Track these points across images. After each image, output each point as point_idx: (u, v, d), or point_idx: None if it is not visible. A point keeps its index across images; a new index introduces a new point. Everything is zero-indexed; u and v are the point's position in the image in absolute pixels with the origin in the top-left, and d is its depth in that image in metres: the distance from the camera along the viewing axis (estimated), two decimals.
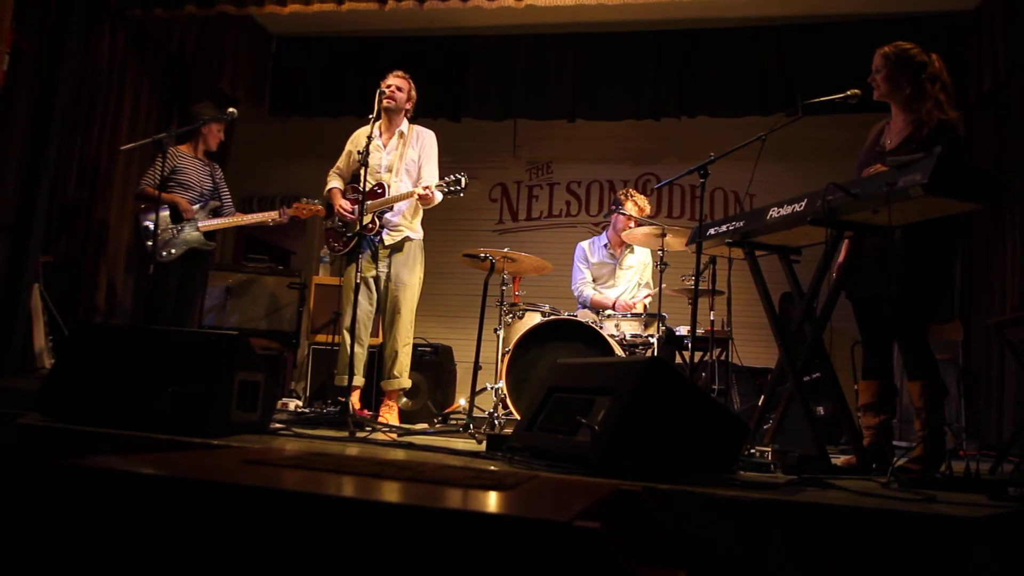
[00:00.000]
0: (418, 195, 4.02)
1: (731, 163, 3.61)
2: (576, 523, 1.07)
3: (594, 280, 5.03)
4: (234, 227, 5.11)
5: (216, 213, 4.81)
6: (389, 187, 4.10)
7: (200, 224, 4.66)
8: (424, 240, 4.28)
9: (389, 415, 4.12)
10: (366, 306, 4.11)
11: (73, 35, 4.51)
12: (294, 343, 5.56)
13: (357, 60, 6.56)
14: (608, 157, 6.84)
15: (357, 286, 3.69)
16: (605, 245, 5.06)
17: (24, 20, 4.48)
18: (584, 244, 5.15)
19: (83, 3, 4.62)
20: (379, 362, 4.25)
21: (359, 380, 4.13)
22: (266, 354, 5.25)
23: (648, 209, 4.93)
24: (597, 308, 4.84)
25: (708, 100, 6.03)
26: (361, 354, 4.11)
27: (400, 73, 4.24)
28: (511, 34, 6.35)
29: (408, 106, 4.25)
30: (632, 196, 4.89)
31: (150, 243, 4.47)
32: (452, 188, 4.04)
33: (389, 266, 4.14)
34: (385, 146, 4.20)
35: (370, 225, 4.01)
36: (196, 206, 4.69)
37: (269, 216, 4.77)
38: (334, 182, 4.30)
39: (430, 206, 4.16)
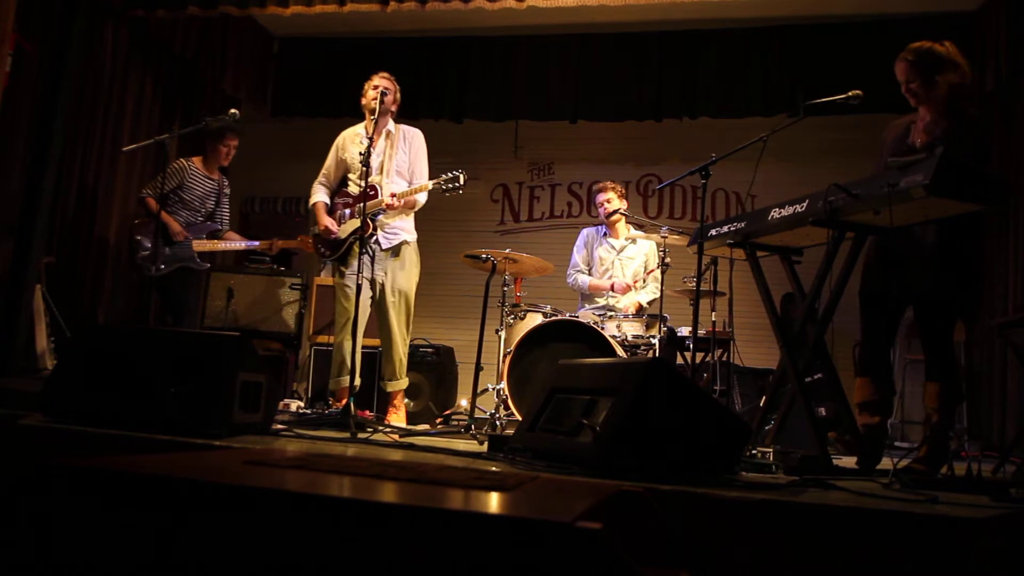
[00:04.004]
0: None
1: (733, 164, 3.61)
2: (578, 524, 1.07)
3: (593, 270, 5.03)
4: (236, 224, 5.16)
5: (213, 235, 4.84)
6: (381, 188, 4.07)
7: (194, 243, 4.68)
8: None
9: (396, 416, 4.12)
10: (363, 310, 4.08)
11: (76, 36, 4.51)
12: (296, 344, 5.56)
13: (359, 61, 6.54)
14: (610, 158, 6.84)
15: (359, 288, 3.67)
16: (605, 235, 5.07)
17: (27, 21, 4.49)
18: (588, 230, 5.17)
19: (86, 4, 4.62)
20: (379, 364, 4.24)
21: (356, 381, 4.07)
22: (268, 355, 5.25)
23: (621, 188, 5.00)
24: (595, 293, 4.88)
25: (710, 101, 6.03)
26: (358, 357, 4.07)
27: (385, 74, 4.20)
28: (513, 35, 6.35)
29: (394, 108, 4.20)
30: (606, 188, 4.95)
31: (142, 254, 4.55)
32: (449, 186, 4.01)
33: (385, 268, 4.11)
34: (374, 148, 4.17)
35: (365, 227, 3.96)
36: (184, 222, 4.70)
37: (260, 246, 4.87)
38: (319, 195, 4.24)
39: (415, 208, 4.16)
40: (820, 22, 5.85)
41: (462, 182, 4.01)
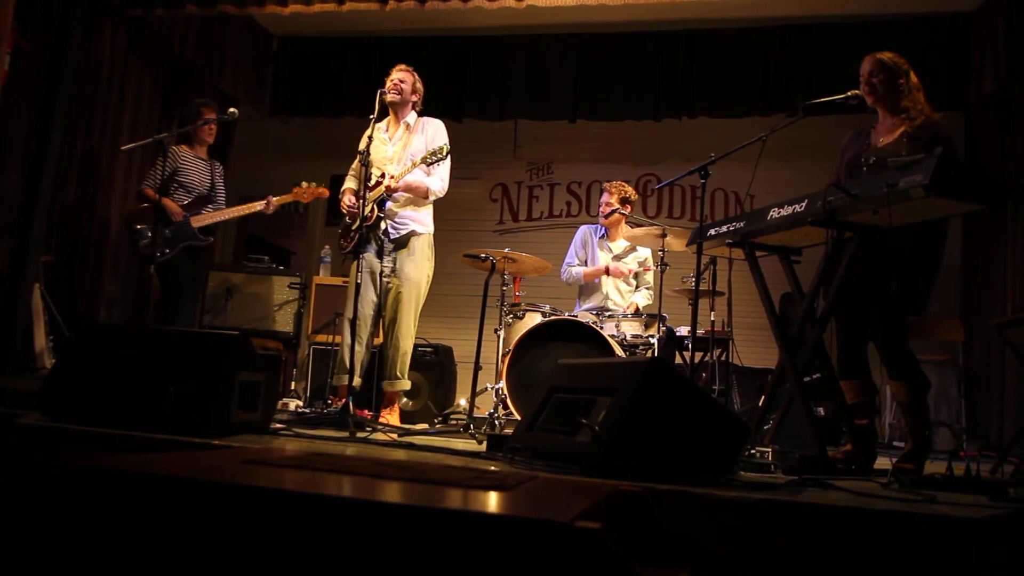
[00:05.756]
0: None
1: (732, 164, 3.61)
2: (577, 523, 1.07)
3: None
4: (234, 224, 5.14)
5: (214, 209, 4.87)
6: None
7: (192, 219, 4.69)
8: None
9: (390, 416, 4.09)
10: (369, 304, 4.03)
11: (75, 35, 4.51)
12: (294, 343, 5.56)
13: (358, 61, 6.56)
14: (609, 158, 6.84)
15: (358, 287, 3.65)
16: (603, 237, 5.06)
17: (25, 20, 4.49)
18: (587, 228, 5.15)
19: (85, 3, 4.62)
20: (379, 362, 4.19)
21: (356, 381, 4.00)
22: (267, 354, 5.24)
23: (630, 191, 4.98)
24: (591, 280, 4.88)
25: (709, 101, 6.03)
26: (362, 353, 4.01)
27: (404, 67, 4.23)
28: (512, 34, 6.35)
29: (414, 98, 4.20)
30: (611, 188, 4.94)
31: (144, 242, 4.53)
32: (434, 158, 3.93)
33: (394, 261, 4.05)
34: (391, 138, 4.16)
35: (368, 215, 3.90)
36: (186, 201, 4.72)
37: (255, 207, 4.85)
38: (349, 183, 4.26)
39: (429, 197, 4.09)
40: (819, 22, 5.85)
41: (444, 154, 3.95)
